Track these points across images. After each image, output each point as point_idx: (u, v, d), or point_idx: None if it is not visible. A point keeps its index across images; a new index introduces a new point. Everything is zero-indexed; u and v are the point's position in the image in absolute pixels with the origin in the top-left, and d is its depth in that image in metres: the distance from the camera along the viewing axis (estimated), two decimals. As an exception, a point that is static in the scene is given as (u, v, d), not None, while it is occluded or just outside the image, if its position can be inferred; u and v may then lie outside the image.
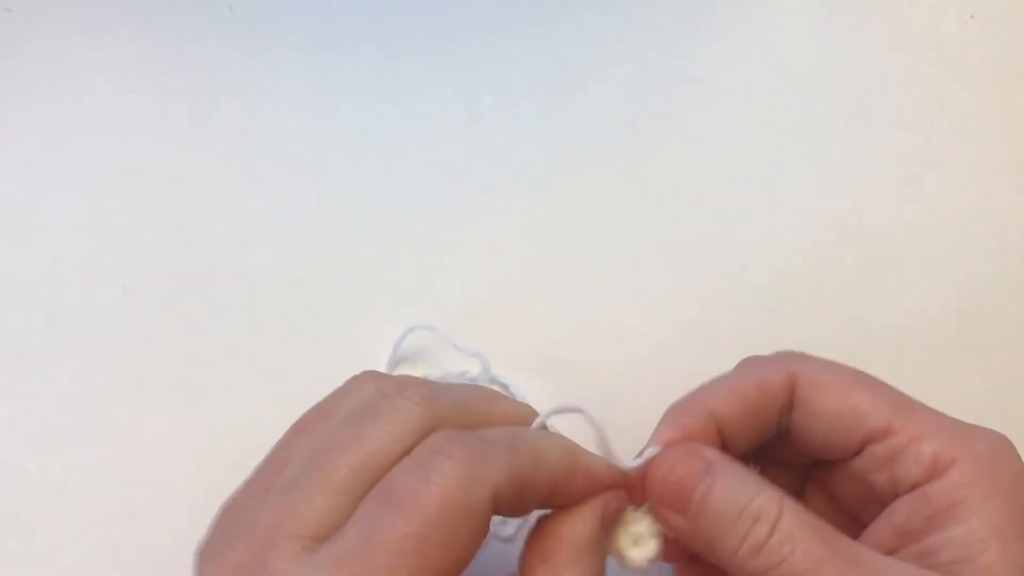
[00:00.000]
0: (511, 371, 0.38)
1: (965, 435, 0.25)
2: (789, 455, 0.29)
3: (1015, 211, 0.42)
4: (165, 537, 0.36)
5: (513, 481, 0.23)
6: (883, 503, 0.26)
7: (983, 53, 0.45)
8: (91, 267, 0.40)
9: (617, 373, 0.38)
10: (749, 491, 0.24)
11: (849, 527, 0.27)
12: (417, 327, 0.38)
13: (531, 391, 0.38)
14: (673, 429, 0.27)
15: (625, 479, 0.26)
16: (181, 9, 0.45)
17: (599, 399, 0.38)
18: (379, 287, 0.40)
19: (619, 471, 0.26)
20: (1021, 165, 0.43)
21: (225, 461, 0.37)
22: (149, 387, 0.38)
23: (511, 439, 0.24)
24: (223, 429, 0.37)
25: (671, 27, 0.45)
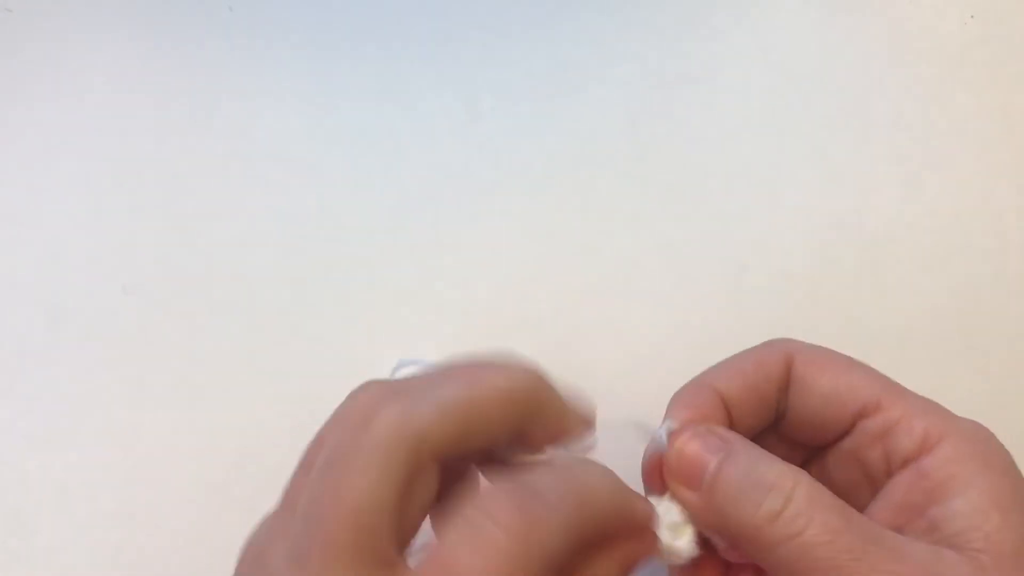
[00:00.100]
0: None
1: (950, 416, 0.26)
2: (786, 450, 0.29)
3: (1015, 211, 0.42)
4: (165, 537, 0.36)
5: (570, 539, 0.22)
6: (877, 486, 0.26)
7: (983, 53, 0.45)
8: (91, 267, 0.40)
9: (617, 373, 0.38)
10: (764, 463, 0.25)
11: None
12: (408, 362, 0.37)
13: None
14: (686, 409, 0.27)
15: (650, 516, 0.26)
16: (181, 9, 0.45)
17: (599, 399, 0.38)
18: (379, 287, 0.40)
19: (649, 509, 0.26)
20: (1021, 165, 0.43)
21: (225, 461, 0.37)
22: (149, 387, 0.38)
23: (567, 492, 0.22)
24: (223, 429, 0.38)
25: (671, 27, 0.45)
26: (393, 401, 0.22)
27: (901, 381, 0.28)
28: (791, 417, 0.29)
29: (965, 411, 0.27)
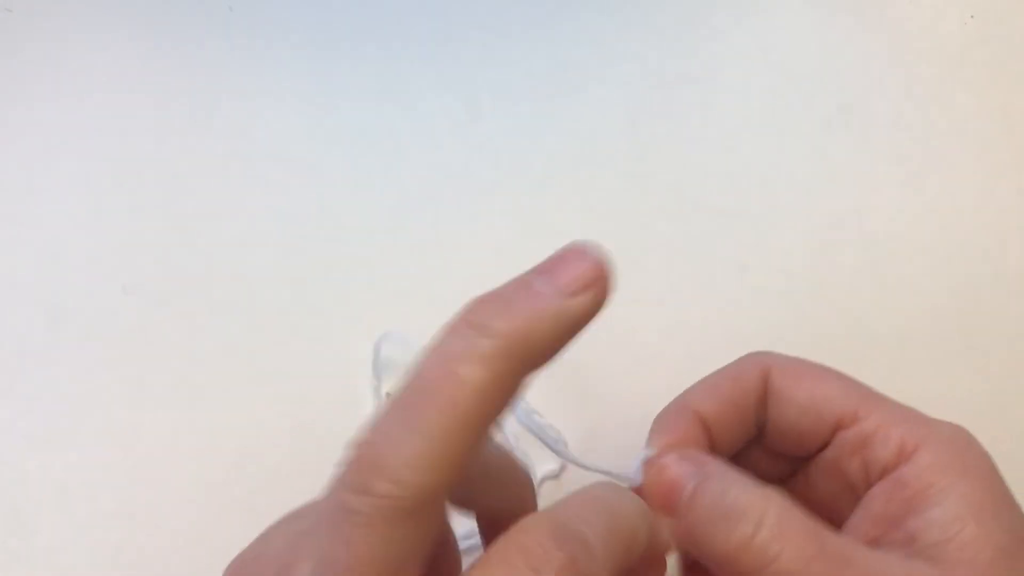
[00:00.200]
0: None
1: (928, 423, 0.26)
2: (766, 465, 0.30)
3: (1015, 211, 0.42)
4: (165, 537, 0.36)
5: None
6: (859, 495, 0.26)
7: (983, 53, 0.45)
8: (91, 267, 0.40)
9: (617, 373, 0.38)
10: (735, 488, 0.24)
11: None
12: (391, 336, 0.37)
13: (530, 391, 0.38)
14: (664, 436, 0.27)
15: (669, 550, 0.26)
16: (181, 9, 0.45)
17: (599, 399, 0.38)
18: (379, 287, 0.40)
19: (668, 543, 0.25)
20: (1021, 165, 0.43)
21: (225, 461, 0.37)
22: (149, 387, 0.38)
23: (609, 534, 0.21)
24: (223, 429, 0.37)
25: (671, 27, 0.45)
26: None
27: (901, 381, 0.28)
28: (771, 430, 0.29)
29: (965, 411, 0.27)
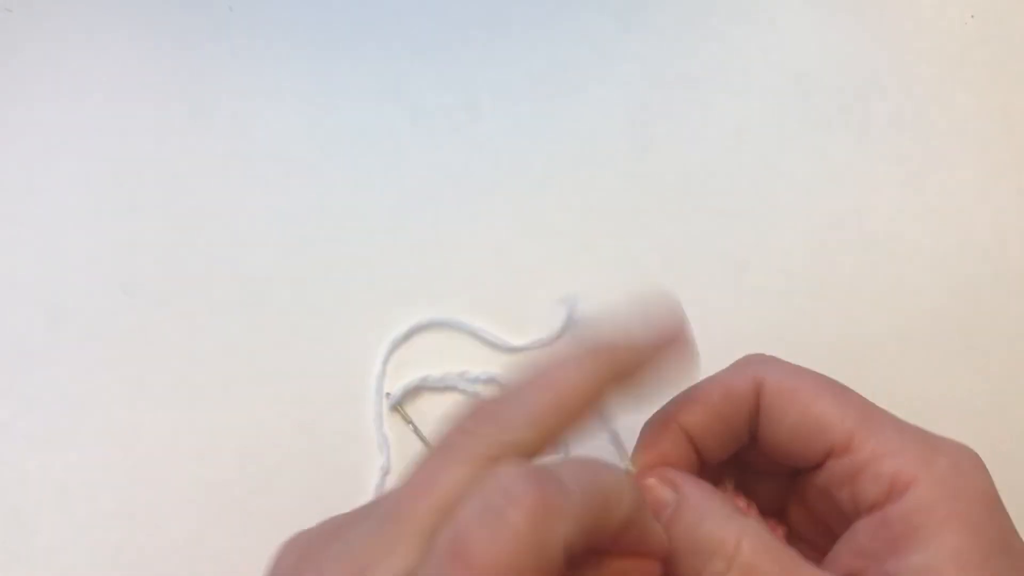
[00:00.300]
0: (510, 371, 0.38)
1: (928, 452, 0.25)
2: (767, 465, 0.29)
3: (1015, 211, 0.42)
4: (165, 537, 0.36)
5: (586, 531, 0.21)
6: (848, 520, 0.26)
7: (983, 53, 0.45)
8: (91, 267, 0.40)
9: (617, 373, 0.38)
10: (708, 520, 0.24)
11: (825, 537, 0.27)
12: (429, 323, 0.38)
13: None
14: (647, 452, 0.27)
15: (665, 550, 0.25)
16: (181, 9, 0.45)
17: (599, 399, 0.38)
18: (379, 287, 0.40)
19: (664, 542, 0.25)
20: (1021, 165, 0.43)
21: (225, 461, 0.37)
22: (149, 387, 0.38)
23: (588, 482, 0.22)
24: (223, 429, 0.38)
25: (671, 27, 0.45)
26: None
27: (901, 381, 0.28)
28: (762, 444, 0.28)
29: (965, 411, 0.27)
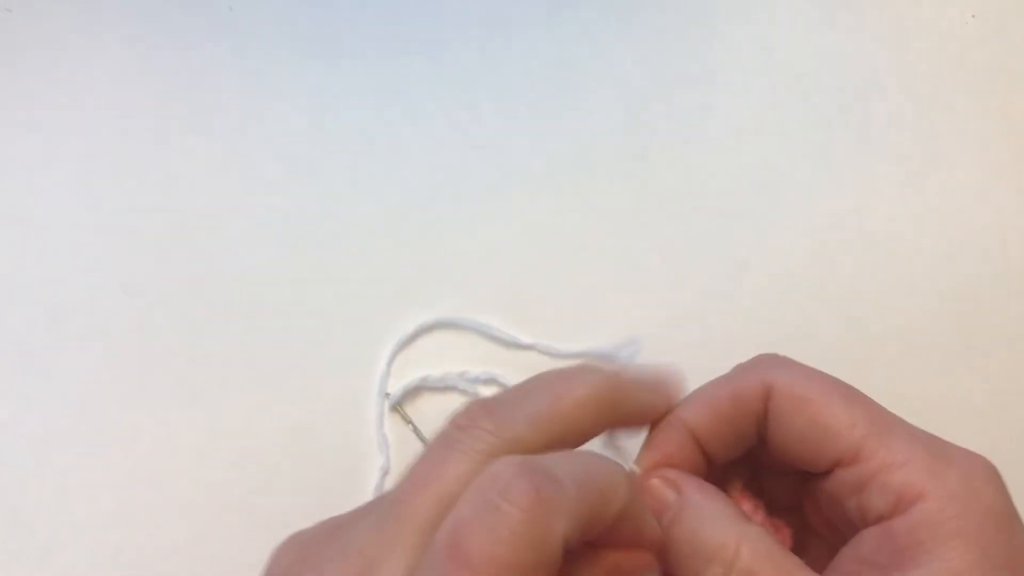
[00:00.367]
0: (511, 371, 0.38)
1: (939, 464, 0.25)
2: (777, 465, 0.29)
3: (1015, 211, 0.42)
4: (165, 537, 0.36)
5: (582, 524, 0.22)
6: (857, 527, 0.26)
7: (983, 53, 0.45)
8: (91, 267, 0.40)
9: (617, 373, 0.38)
10: (711, 525, 0.24)
11: (838, 536, 0.27)
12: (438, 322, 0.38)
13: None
14: (653, 452, 0.27)
15: (660, 541, 0.26)
16: (181, 9, 0.45)
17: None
18: (379, 287, 0.40)
19: (659, 533, 0.25)
20: (1021, 165, 0.43)
21: (225, 461, 0.37)
22: (149, 387, 0.38)
23: (582, 476, 0.22)
24: (223, 429, 0.38)
25: (671, 27, 0.45)
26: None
27: (901, 381, 0.28)
28: (771, 448, 0.28)
29: (965, 411, 0.27)
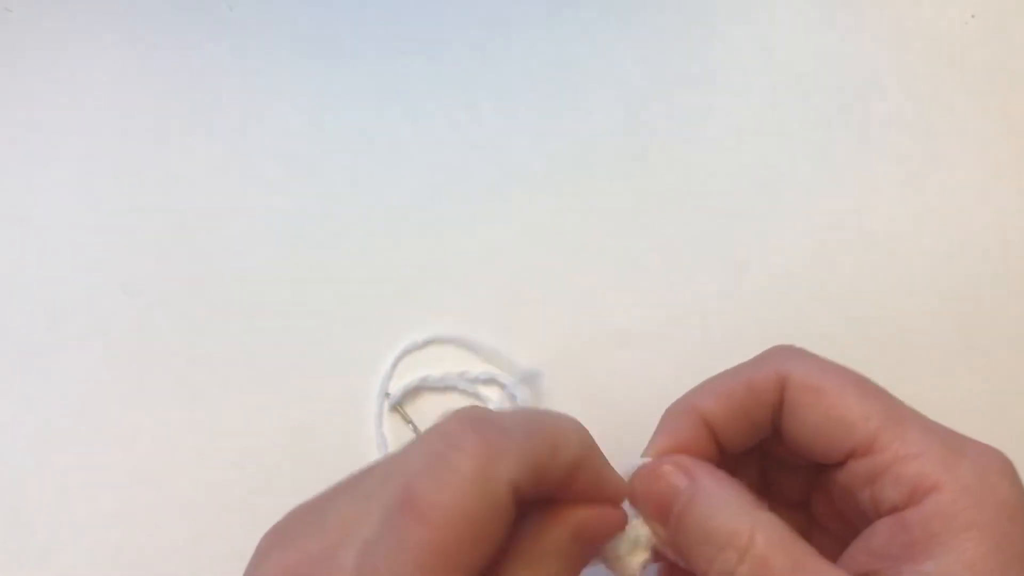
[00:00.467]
0: (511, 371, 0.38)
1: (953, 456, 0.24)
2: (790, 456, 0.29)
3: (1015, 211, 0.42)
4: (165, 537, 0.36)
5: (531, 470, 0.22)
6: (868, 518, 0.26)
7: (983, 53, 0.45)
8: (91, 267, 0.40)
9: (617, 373, 0.39)
10: (724, 512, 0.24)
11: (848, 530, 0.27)
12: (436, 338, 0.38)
13: (531, 390, 0.38)
14: (666, 438, 0.27)
15: (625, 495, 0.26)
16: (181, 9, 0.45)
17: (599, 398, 0.38)
18: (379, 287, 0.40)
19: (624, 487, 0.26)
20: (1021, 165, 0.43)
21: (225, 461, 0.37)
22: (149, 387, 0.38)
23: (530, 424, 0.23)
24: (223, 429, 0.38)
25: (671, 27, 0.45)
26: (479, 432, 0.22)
27: (901, 381, 0.27)
28: (785, 438, 0.28)
29: (965, 411, 0.27)
